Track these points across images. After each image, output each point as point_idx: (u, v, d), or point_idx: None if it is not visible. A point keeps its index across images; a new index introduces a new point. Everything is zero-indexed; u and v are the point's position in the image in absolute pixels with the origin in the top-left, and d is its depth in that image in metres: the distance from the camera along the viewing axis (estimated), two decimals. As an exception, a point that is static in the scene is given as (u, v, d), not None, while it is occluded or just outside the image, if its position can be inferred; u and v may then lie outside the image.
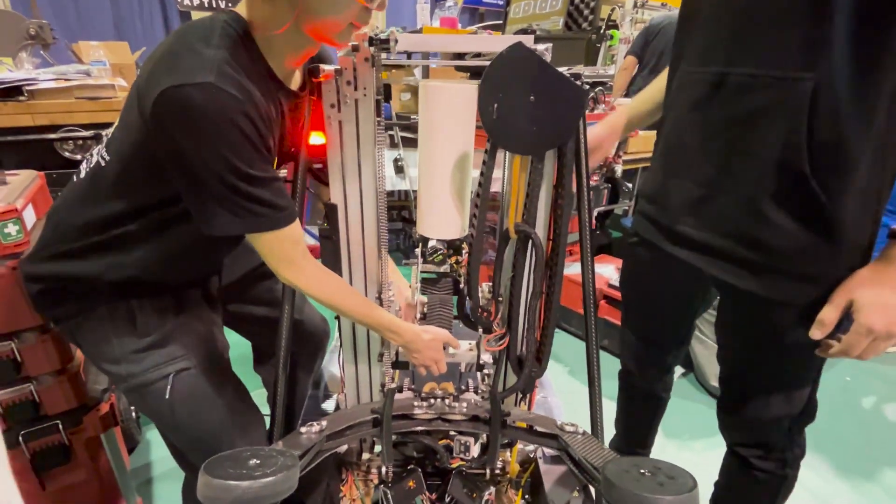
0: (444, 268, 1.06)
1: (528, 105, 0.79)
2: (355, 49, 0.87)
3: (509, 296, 1.04)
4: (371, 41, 0.85)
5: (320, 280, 0.91)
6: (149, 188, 0.84)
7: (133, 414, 1.69)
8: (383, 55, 0.88)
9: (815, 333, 0.82)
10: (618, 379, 1.41)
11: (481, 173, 0.92)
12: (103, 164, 0.85)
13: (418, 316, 1.08)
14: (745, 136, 0.82)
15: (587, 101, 0.87)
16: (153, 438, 1.81)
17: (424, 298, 1.07)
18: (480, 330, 1.08)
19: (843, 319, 0.82)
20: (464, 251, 1.07)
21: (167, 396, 0.93)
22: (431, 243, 1.05)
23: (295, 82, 0.91)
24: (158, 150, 0.76)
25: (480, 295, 1.03)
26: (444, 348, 1.06)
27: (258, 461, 0.63)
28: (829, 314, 0.80)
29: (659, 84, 1.09)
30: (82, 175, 0.89)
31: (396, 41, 0.86)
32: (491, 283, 1.05)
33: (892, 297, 0.75)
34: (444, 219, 1.00)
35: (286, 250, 0.85)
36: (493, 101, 0.78)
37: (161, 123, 0.72)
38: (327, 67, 0.90)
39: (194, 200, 0.78)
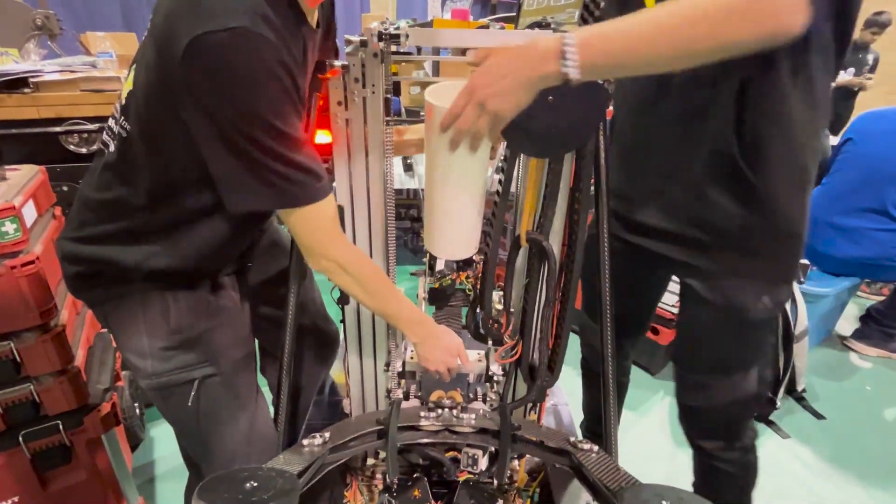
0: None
1: (547, 107, 0.74)
2: (363, 44, 0.82)
3: (522, 304, 0.99)
4: (380, 36, 0.81)
5: (357, 257, 0.85)
6: (181, 160, 0.75)
7: (137, 411, 1.67)
8: (392, 47, 0.83)
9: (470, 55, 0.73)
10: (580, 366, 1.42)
11: (499, 181, 0.86)
12: (125, 134, 0.77)
13: None
14: (692, 129, 0.89)
15: (609, 102, 0.83)
16: (157, 436, 1.80)
17: None
18: (490, 342, 1.04)
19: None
20: (475, 263, 1.03)
21: (189, 403, 0.89)
22: (439, 267, 1.01)
23: (313, 21, 0.82)
24: (184, 110, 0.68)
25: (491, 306, 0.99)
26: None
27: (255, 483, 0.59)
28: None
29: None
30: (111, 149, 0.80)
31: (407, 36, 0.81)
32: (501, 293, 1.01)
33: (501, 60, 0.66)
34: (452, 241, 0.93)
35: (326, 226, 0.79)
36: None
37: (189, 78, 0.64)
38: (335, 63, 0.86)
39: (223, 170, 0.70)
